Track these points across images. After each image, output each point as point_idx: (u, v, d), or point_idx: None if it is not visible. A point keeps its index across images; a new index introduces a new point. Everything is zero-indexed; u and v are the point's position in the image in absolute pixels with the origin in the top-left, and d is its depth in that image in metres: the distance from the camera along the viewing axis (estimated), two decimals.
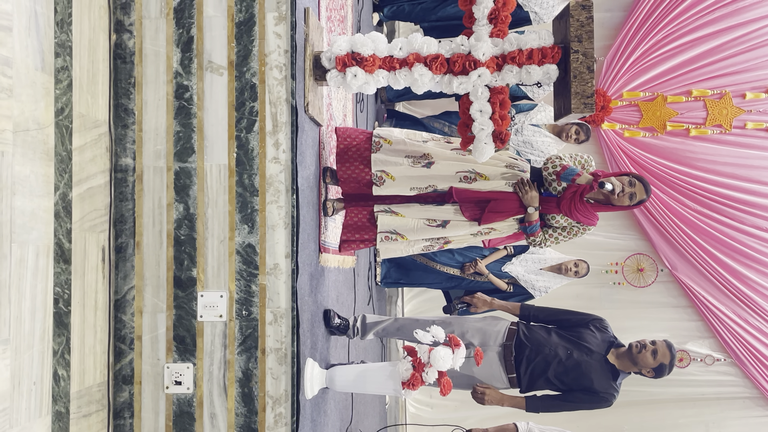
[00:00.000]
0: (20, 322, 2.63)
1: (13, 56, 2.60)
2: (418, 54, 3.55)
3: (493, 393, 4.19)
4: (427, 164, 3.94)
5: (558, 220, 3.98)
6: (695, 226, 7.65)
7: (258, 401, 3.29)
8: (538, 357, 4.17)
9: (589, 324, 4.22)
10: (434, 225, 3.98)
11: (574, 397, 4.23)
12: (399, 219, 3.99)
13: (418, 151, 3.96)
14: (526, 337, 4.21)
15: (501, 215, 3.92)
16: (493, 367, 4.20)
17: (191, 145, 3.33)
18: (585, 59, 3.40)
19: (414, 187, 3.96)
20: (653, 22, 7.47)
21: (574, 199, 3.87)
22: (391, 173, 3.95)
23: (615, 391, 4.18)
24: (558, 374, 4.18)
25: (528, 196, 3.88)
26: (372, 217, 4.05)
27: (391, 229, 4.00)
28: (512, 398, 4.25)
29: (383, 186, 3.96)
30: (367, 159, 4.00)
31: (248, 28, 3.33)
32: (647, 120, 7.69)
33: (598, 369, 4.14)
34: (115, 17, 3.33)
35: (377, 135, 4.03)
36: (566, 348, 4.16)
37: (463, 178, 3.93)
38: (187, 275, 3.32)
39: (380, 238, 4.02)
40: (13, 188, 2.59)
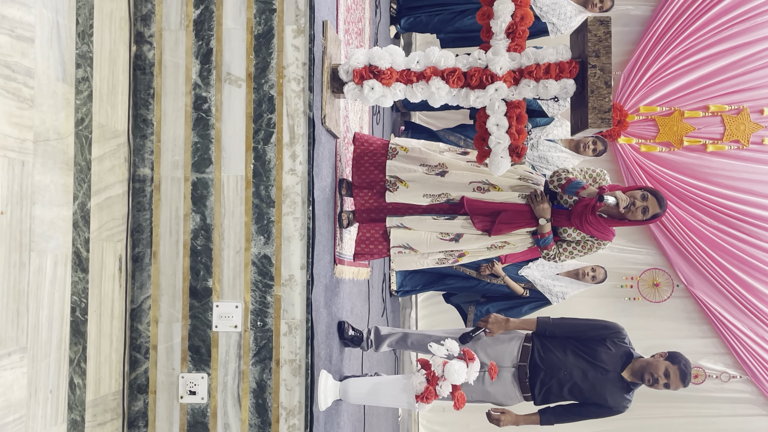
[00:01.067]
0: (38, 330, 2.65)
1: (35, 67, 2.63)
2: (435, 67, 3.56)
3: (507, 417, 4.24)
4: (441, 173, 3.94)
5: (570, 234, 3.95)
6: (711, 242, 7.61)
7: (272, 412, 3.29)
8: (552, 379, 4.16)
9: (606, 340, 4.19)
10: (447, 239, 3.98)
11: (587, 410, 4.25)
12: (412, 233, 3.99)
13: (433, 160, 3.97)
14: (541, 358, 4.18)
15: (511, 226, 3.91)
16: (507, 386, 4.20)
17: (209, 155, 3.35)
18: (602, 74, 3.40)
19: (427, 194, 3.95)
20: (670, 37, 7.46)
21: (585, 212, 3.84)
22: (404, 180, 3.96)
23: (628, 402, 4.22)
24: (572, 393, 4.19)
25: (539, 207, 3.86)
26: (385, 231, 4.05)
27: (404, 243, 4.00)
28: (526, 417, 4.31)
29: (396, 192, 3.97)
30: (382, 164, 4.01)
31: (267, 40, 3.35)
32: (664, 135, 7.66)
33: (611, 387, 4.14)
34: (135, 29, 3.37)
35: (394, 143, 4.04)
36: (581, 369, 4.14)
37: (476, 188, 3.93)
38: (202, 285, 3.33)
39: (394, 252, 4.02)
40: (32, 197, 2.61)
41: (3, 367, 2.45)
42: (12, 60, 2.50)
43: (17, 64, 2.53)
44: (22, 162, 2.55)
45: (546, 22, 6.10)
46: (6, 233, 2.47)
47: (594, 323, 4.30)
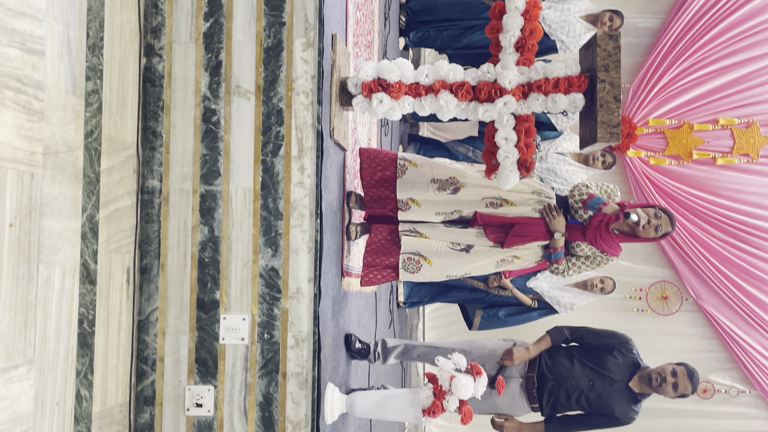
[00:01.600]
0: (45, 342, 2.65)
1: (45, 80, 2.64)
2: (444, 81, 3.56)
3: (511, 424, 4.22)
4: (453, 190, 3.93)
5: (582, 249, 3.96)
6: (721, 255, 7.57)
7: (278, 426, 3.28)
8: (560, 390, 4.16)
9: (614, 349, 4.20)
10: (458, 249, 3.97)
11: (593, 420, 4.25)
12: (423, 241, 3.98)
13: (444, 173, 3.96)
14: (549, 368, 4.19)
15: (525, 239, 3.90)
16: (515, 397, 4.20)
17: (217, 168, 3.36)
18: (612, 88, 3.39)
19: (440, 212, 3.95)
20: (680, 50, 7.45)
21: (600, 228, 3.85)
22: (416, 199, 3.96)
23: (635, 413, 4.21)
24: (580, 403, 4.18)
25: (555, 221, 3.86)
26: (396, 237, 4.04)
27: (414, 250, 3.98)
28: (531, 425, 4.27)
29: (409, 211, 3.97)
30: (393, 184, 4.00)
31: (276, 53, 3.36)
32: (673, 148, 7.64)
33: (619, 397, 4.13)
34: (145, 41, 3.38)
35: (402, 158, 4.03)
36: (589, 379, 4.14)
37: (489, 204, 3.92)
38: (210, 297, 3.33)
39: (403, 258, 4.00)
40: (41, 210, 2.62)
41: (10, 379, 2.45)
42: (23, 73, 2.51)
43: (28, 77, 2.54)
44: (31, 174, 2.56)
45: (555, 40, 6.10)
46: (15, 245, 2.47)
47: (603, 331, 4.31)
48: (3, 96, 2.41)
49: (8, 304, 2.44)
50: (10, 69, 2.45)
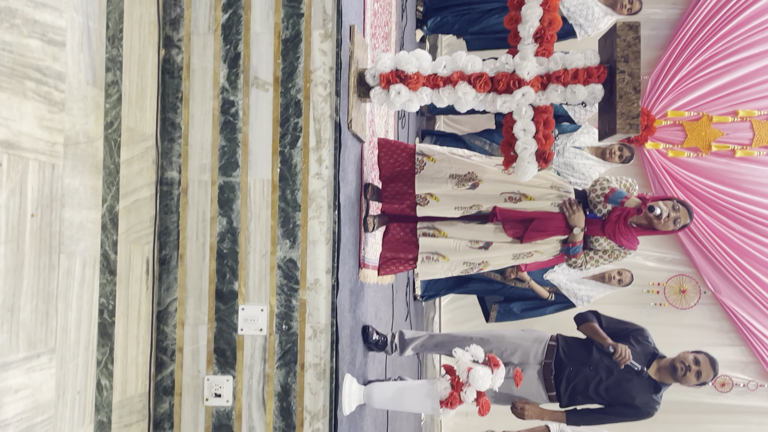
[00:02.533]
0: (66, 332, 2.67)
1: (66, 71, 2.66)
2: (462, 72, 3.55)
3: (532, 408, 4.19)
4: (472, 186, 3.92)
5: (601, 243, 3.94)
6: (740, 249, 7.52)
7: (296, 416, 3.30)
8: (578, 377, 4.14)
9: (630, 337, 4.18)
10: (477, 247, 3.96)
11: (614, 411, 4.22)
12: (441, 240, 3.97)
13: (463, 168, 3.95)
14: (566, 355, 4.18)
15: (544, 234, 3.89)
16: (532, 385, 4.19)
17: (236, 159, 3.37)
18: (631, 80, 3.37)
19: (459, 206, 3.94)
20: (699, 42, 7.39)
21: (618, 222, 3.84)
22: (435, 194, 3.95)
23: (657, 404, 4.17)
24: (598, 392, 4.16)
25: (575, 216, 3.85)
26: (414, 236, 4.04)
27: (433, 250, 3.99)
28: (552, 413, 4.27)
29: (427, 206, 3.96)
30: (411, 179, 3.99)
31: (294, 45, 3.36)
32: (692, 140, 7.59)
33: (638, 385, 4.11)
34: (164, 33, 3.39)
35: (420, 152, 4.02)
36: (607, 366, 4.12)
37: (507, 199, 3.91)
38: (228, 288, 3.34)
39: (421, 258, 4.01)
40: (62, 200, 2.64)
41: (32, 368, 2.47)
42: (43, 64, 2.53)
43: (48, 68, 2.55)
44: (52, 165, 2.58)
45: (573, 24, 6.06)
46: (36, 236, 2.49)
47: (618, 321, 4.32)
48: (24, 87, 2.42)
49: (30, 293, 2.46)
50: (31, 60, 2.46)
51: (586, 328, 4.24)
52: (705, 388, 7.56)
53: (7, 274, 2.34)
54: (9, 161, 2.35)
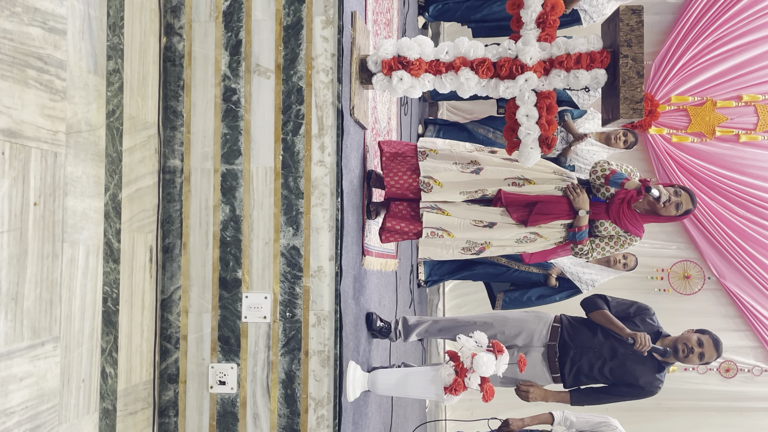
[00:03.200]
0: (70, 320, 2.68)
1: (67, 59, 2.65)
2: (464, 58, 3.53)
3: (537, 390, 4.21)
4: (476, 170, 3.91)
5: (606, 227, 3.92)
6: (744, 234, 7.50)
7: (301, 403, 3.30)
8: (582, 358, 4.15)
9: (634, 317, 4.18)
10: (481, 225, 3.95)
11: (618, 390, 4.24)
12: (445, 217, 3.97)
13: (465, 159, 3.94)
14: (570, 337, 4.18)
15: (549, 217, 3.87)
16: (536, 367, 4.20)
17: (238, 147, 3.36)
18: (634, 64, 3.35)
19: (463, 191, 3.93)
20: (703, 26, 7.35)
21: (623, 204, 3.83)
22: (438, 180, 3.93)
23: (660, 383, 4.20)
24: (602, 373, 4.17)
25: (579, 198, 3.84)
26: (417, 212, 4.02)
27: (437, 225, 3.97)
28: (556, 394, 4.29)
29: (431, 192, 3.94)
30: (414, 166, 3.98)
31: (296, 31, 3.35)
32: (696, 125, 7.56)
33: (642, 365, 4.12)
34: (165, 20, 3.38)
35: (422, 146, 4.01)
36: (611, 347, 4.13)
37: (511, 184, 3.90)
38: (232, 276, 3.35)
39: (426, 233, 3.98)
40: (65, 189, 2.64)
41: (37, 356, 2.48)
42: (45, 52, 2.52)
43: (50, 57, 2.55)
44: (54, 153, 2.58)
45: (578, 10, 6.04)
46: (39, 224, 2.49)
47: (622, 301, 4.32)
48: (25, 75, 2.42)
49: (34, 281, 2.46)
50: (32, 48, 2.46)
51: (598, 317, 4.21)
52: (710, 374, 7.58)
53: (10, 262, 2.34)
54: (11, 150, 2.35)
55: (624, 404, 5.47)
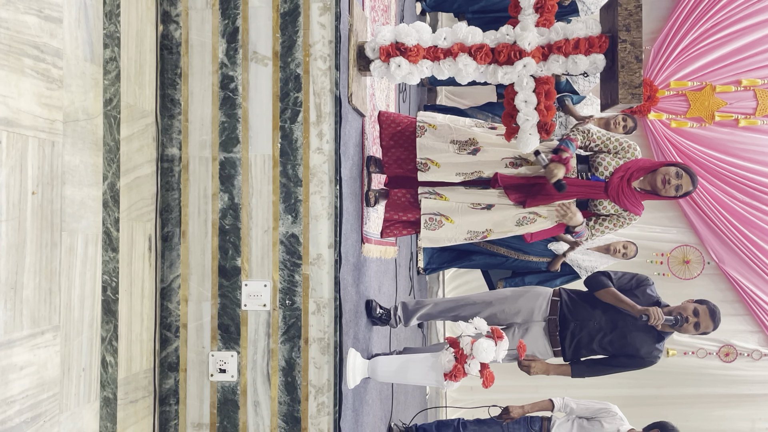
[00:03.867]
0: (70, 309, 2.68)
1: (63, 47, 2.64)
2: (462, 44, 3.52)
3: (538, 364, 4.25)
4: (473, 151, 3.90)
5: (605, 206, 3.92)
6: (743, 218, 7.51)
7: (301, 390, 3.31)
8: (582, 331, 4.18)
9: (635, 290, 4.19)
10: (479, 208, 3.95)
11: (618, 362, 4.26)
12: (443, 202, 3.97)
13: (464, 135, 3.93)
14: (570, 311, 4.20)
15: (547, 199, 3.87)
16: (538, 342, 4.23)
17: (236, 135, 3.36)
18: (633, 49, 3.34)
19: (460, 173, 3.93)
20: (702, 11, 7.33)
21: (622, 183, 3.82)
22: (436, 161, 3.93)
23: (659, 353, 4.21)
24: (602, 345, 4.20)
25: (573, 218, 3.84)
26: (416, 199, 4.03)
27: (435, 211, 3.97)
28: (557, 367, 4.31)
29: (428, 172, 3.95)
30: (412, 143, 3.98)
31: (293, 18, 3.34)
32: (695, 110, 7.55)
33: (642, 336, 4.14)
34: (161, 8, 3.36)
35: (421, 120, 4.00)
36: (610, 319, 4.14)
37: (509, 164, 3.89)
38: (231, 264, 3.35)
39: (424, 219, 3.99)
40: (63, 178, 2.63)
41: (36, 345, 2.48)
42: (41, 41, 2.51)
43: (46, 45, 2.54)
44: (52, 142, 2.57)
45: (576, 1, 6.01)
46: (38, 213, 2.49)
47: (624, 273, 4.32)
48: (22, 64, 2.41)
49: (33, 270, 2.46)
50: (28, 36, 2.45)
51: (606, 295, 4.17)
52: (709, 358, 7.60)
53: (9, 251, 2.34)
54: (8, 139, 2.34)
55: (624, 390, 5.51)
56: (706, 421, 7.63)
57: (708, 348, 7.70)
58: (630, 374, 4.64)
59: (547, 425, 4.57)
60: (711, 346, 7.69)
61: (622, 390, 6.85)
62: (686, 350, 7.67)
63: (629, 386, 6.95)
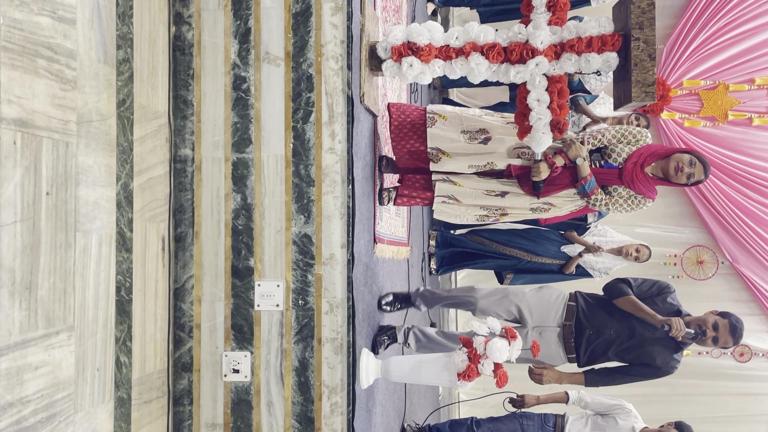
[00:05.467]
0: (84, 309, 2.69)
1: (77, 49, 2.65)
2: (474, 43, 3.52)
3: (550, 373, 4.12)
4: (484, 140, 3.88)
5: (619, 192, 3.88)
6: (757, 218, 7.46)
7: (314, 390, 3.31)
8: (598, 339, 4.06)
9: (654, 297, 4.10)
10: (493, 195, 3.94)
11: (634, 371, 4.13)
12: (457, 187, 3.97)
13: (474, 125, 3.91)
14: (586, 317, 4.08)
15: (558, 187, 3.84)
16: (551, 347, 4.12)
17: (248, 135, 3.36)
18: (646, 47, 3.33)
19: (472, 164, 3.91)
20: (715, 9, 7.29)
21: (635, 168, 3.79)
22: (447, 151, 3.92)
23: (677, 363, 4.08)
24: (618, 353, 4.08)
25: (573, 147, 3.76)
26: (429, 183, 4.02)
27: (449, 194, 3.97)
28: (570, 375, 4.18)
29: (440, 163, 3.94)
30: (423, 133, 3.97)
31: (305, 18, 3.34)
32: (708, 109, 7.51)
33: (659, 346, 4.00)
34: (174, 9, 3.37)
35: (431, 111, 3.99)
36: (628, 327, 4.03)
37: (520, 154, 3.87)
38: (244, 265, 3.35)
39: (437, 201, 3.99)
40: (77, 178, 2.64)
41: (51, 345, 2.49)
42: (54, 42, 2.52)
43: (59, 46, 2.55)
44: (66, 143, 2.58)
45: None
46: (52, 214, 2.50)
47: (644, 280, 4.21)
48: (36, 65, 2.42)
49: (47, 271, 2.47)
50: (42, 38, 2.46)
51: (625, 304, 4.06)
52: (724, 358, 7.55)
53: (24, 252, 2.35)
54: (23, 140, 2.35)
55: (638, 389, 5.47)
56: (720, 421, 7.58)
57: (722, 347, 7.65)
58: None
59: (561, 422, 4.52)
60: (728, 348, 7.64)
61: (635, 388, 6.79)
62: (700, 350, 7.63)
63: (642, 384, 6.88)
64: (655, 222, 7.71)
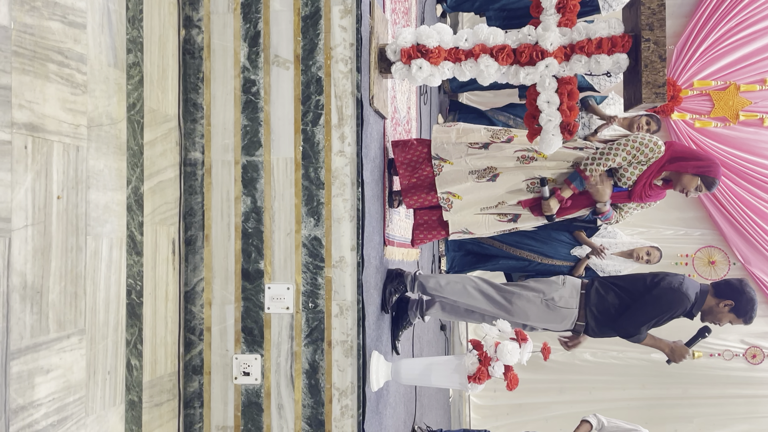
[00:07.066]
0: (95, 312, 2.70)
1: (87, 53, 2.66)
2: (484, 45, 3.51)
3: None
4: (492, 177, 3.92)
5: (629, 206, 4.10)
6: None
7: (325, 393, 3.31)
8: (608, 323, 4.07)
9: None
10: (505, 220, 4.00)
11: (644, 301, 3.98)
12: (470, 217, 4.00)
13: (481, 164, 3.93)
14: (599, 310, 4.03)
15: (571, 210, 3.93)
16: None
17: (258, 138, 3.36)
18: (656, 48, 3.31)
19: (484, 207, 3.97)
20: (726, 9, 7.26)
21: (644, 188, 3.87)
22: (457, 193, 3.96)
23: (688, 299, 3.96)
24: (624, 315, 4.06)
25: (600, 191, 3.84)
26: (442, 220, 4.06)
27: (463, 228, 4.01)
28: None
29: (451, 210, 3.98)
30: (432, 183, 3.98)
31: (314, 21, 3.34)
32: (719, 110, 7.48)
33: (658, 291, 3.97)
34: (184, 13, 3.38)
35: (436, 156, 3.98)
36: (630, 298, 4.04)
37: (530, 184, 3.90)
38: (254, 267, 3.35)
39: (453, 236, 4.08)
40: (87, 182, 2.65)
41: (63, 348, 2.50)
42: (65, 46, 2.53)
43: (70, 50, 2.56)
44: (76, 147, 2.59)
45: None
46: (63, 217, 2.51)
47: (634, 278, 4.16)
48: (46, 69, 2.43)
49: (58, 274, 2.48)
50: (53, 42, 2.47)
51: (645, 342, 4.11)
52: (735, 360, 7.51)
53: (35, 255, 2.36)
54: (34, 144, 2.36)
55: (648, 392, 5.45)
56: (731, 423, 7.54)
57: (734, 350, 7.61)
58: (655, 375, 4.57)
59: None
60: (737, 348, 7.61)
61: (647, 391, 6.79)
62: (712, 352, 7.59)
63: (654, 387, 6.89)
64: (666, 223, 7.68)
